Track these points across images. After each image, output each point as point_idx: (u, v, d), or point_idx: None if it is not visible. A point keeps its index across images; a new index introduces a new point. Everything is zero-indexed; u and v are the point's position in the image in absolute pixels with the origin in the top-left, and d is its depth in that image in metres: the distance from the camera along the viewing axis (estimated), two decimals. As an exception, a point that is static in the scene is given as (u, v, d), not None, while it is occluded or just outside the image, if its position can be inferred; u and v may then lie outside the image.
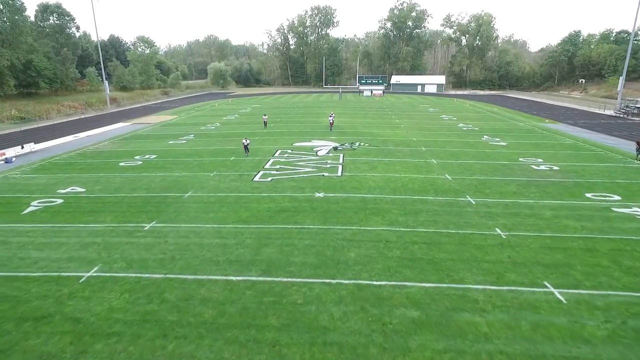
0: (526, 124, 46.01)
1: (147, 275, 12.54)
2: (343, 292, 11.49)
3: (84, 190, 21.62)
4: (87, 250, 14.32)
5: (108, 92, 69.10)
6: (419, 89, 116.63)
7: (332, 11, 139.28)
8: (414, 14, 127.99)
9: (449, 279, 12.17)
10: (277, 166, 26.08)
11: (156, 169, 26.11)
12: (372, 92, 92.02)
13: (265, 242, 14.77)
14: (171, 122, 50.29)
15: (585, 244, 14.49)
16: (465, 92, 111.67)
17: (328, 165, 26.09)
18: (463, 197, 19.68)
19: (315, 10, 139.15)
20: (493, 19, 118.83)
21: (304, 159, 28.10)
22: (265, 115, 45.23)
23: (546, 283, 11.90)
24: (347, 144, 33.17)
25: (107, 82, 71.08)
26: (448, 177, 23.41)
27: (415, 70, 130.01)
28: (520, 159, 27.83)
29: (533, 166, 25.91)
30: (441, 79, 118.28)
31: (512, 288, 11.66)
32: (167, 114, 60.84)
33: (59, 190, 21.56)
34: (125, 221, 17.06)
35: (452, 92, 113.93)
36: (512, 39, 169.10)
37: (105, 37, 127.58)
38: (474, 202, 18.96)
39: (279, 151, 30.76)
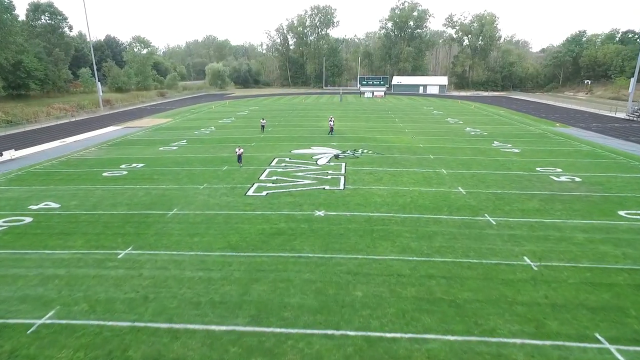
0: (537, 128, 43.85)
1: (111, 322, 10.36)
2: (349, 350, 9.30)
3: (59, 206, 19.44)
4: (46, 287, 12.14)
5: (101, 93, 66.91)
6: (421, 90, 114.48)
7: (332, 11, 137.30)
8: (415, 13, 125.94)
9: (478, 330, 9.99)
10: (274, 177, 23.90)
11: (142, 180, 23.93)
12: (373, 93, 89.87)
13: (256, 276, 12.59)
14: (164, 126, 48.11)
15: (633, 279, 12.32)
16: (468, 94, 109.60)
17: (329, 177, 23.91)
18: (481, 216, 17.51)
19: (315, 10, 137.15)
20: (496, 18, 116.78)
21: (302, 169, 25.93)
22: (263, 119, 42.93)
23: (598, 336, 9.72)
24: (349, 152, 30.99)
25: (100, 83, 68.87)
26: (462, 190, 21.24)
27: (416, 71, 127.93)
28: (538, 169, 25.65)
29: (553, 177, 23.74)
30: (443, 80, 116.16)
31: (558, 343, 9.49)
32: (161, 116, 58.67)
33: (30, 206, 19.38)
34: (97, 246, 14.88)
35: (455, 93, 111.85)
36: (513, 40, 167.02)
37: (102, 37, 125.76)
38: (494, 222, 16.79)
39: (276, 159, 28.58)
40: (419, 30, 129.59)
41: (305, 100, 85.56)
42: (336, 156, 29.32)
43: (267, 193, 20.95)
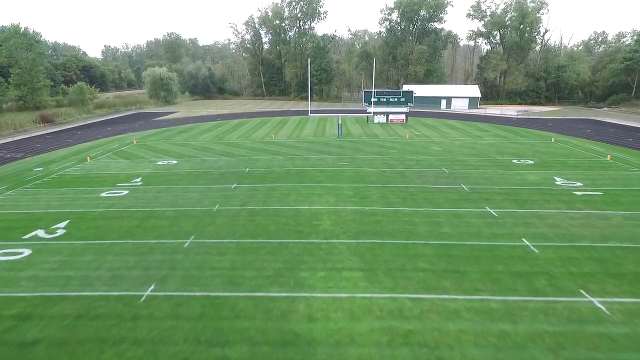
0: None
1: None
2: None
3: None
4: None
5: None
6: (443, 104, 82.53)
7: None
8: (429, 0, 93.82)
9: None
10: None
11: None
12: (388, 117, 57.03)
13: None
14: None
15: None
16: (515, 111, 77.38)
17: None
18: None
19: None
20: (545, 5, 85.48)
21: None
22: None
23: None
24: None
25: None
26: None
27: (430, 76, 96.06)
28: None
29: None
30: (474, 91, 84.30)
31: None
32: None
33: None
34: None
35: (502, 111, 79.59)
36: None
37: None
38: None
39: None
40: (434, 24, 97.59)
41: (276, 133, 51.24)
42: None
43: None
